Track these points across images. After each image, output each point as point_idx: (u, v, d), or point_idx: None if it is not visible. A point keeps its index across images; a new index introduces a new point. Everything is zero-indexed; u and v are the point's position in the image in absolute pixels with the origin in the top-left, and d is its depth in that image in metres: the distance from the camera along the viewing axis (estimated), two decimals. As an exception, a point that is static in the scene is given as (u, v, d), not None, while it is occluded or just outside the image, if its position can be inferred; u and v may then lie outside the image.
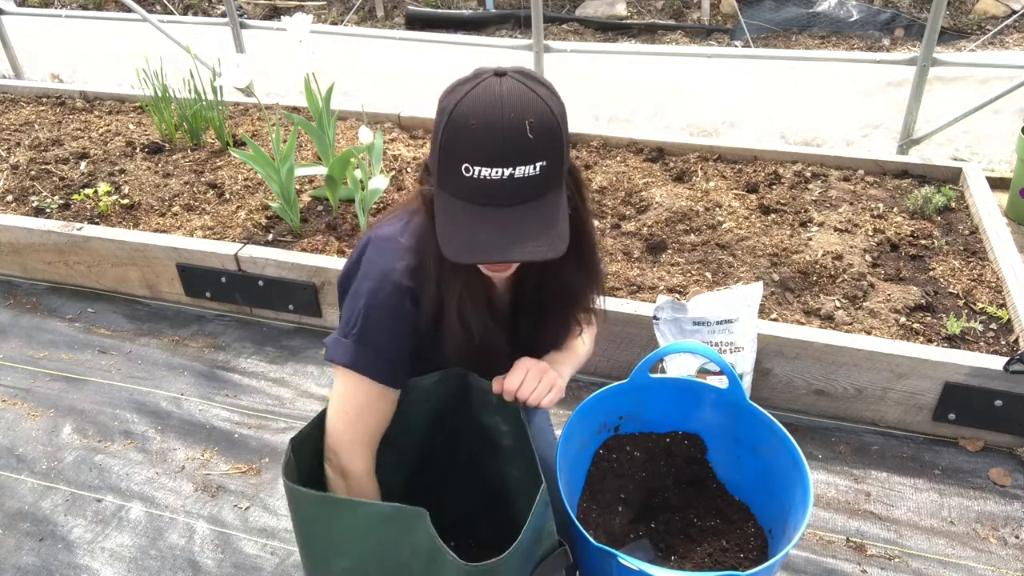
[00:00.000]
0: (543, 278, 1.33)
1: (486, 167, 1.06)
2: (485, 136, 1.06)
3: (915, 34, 5.47)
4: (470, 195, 1.09)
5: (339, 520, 1.12)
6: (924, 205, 2.79)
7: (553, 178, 1.11)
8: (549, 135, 1.09)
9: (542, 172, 1.09)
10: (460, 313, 1.25)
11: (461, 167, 1.07)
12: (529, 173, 1.07)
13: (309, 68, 2.57)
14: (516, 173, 1.06)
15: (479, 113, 1.06)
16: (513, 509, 1.39)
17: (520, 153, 1.07)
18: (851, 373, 2.13)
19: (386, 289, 1.22)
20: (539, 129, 1.07)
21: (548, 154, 1.09)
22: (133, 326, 2.73)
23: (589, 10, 6.35)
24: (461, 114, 1.07)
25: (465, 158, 1.07)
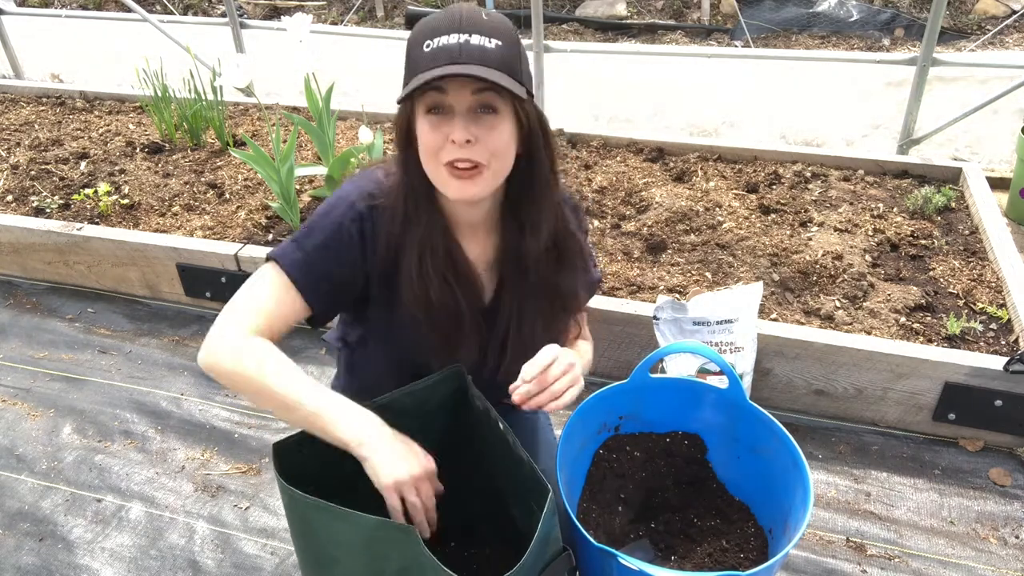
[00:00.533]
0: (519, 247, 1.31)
1: (444, 35, 1.11)
2: (443, 16, 1.14)
3: (915, 34, 5.47)
4: (431, 60, 1.11)
5: (331, 527, 1.11)
6: (924, 205, 2.79)
7: (512, 64, 1.14)
8: (507, 25, 1.16)
9: (499, 49, 1.12)
10: (420, 260, 1.25)
11: (423, 46, 1.12)
12: (486, 44, 1.11)
13: (309, 68, 2.57)
14: (472, 40, 1.11)
15: (439, 11, 1.15)
16: (513, 511, 1.39)
17: (476, 24, 1.12)
18: (851, 373, 2.13)
19: (338, 209, 1.25)
20: (496, 17, 1.15)
21: (505, 38, 1.14)
22: (133, 326, 2.73)
23: (589, 10, 6.35)
24: (422, 20, 1.16)
25: (426, 36, 1.13)
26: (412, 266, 1.26)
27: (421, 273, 1.26)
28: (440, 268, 1.27)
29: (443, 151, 1.16)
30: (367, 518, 1.05)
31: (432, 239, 1.26)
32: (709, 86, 4.59)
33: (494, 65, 1.11)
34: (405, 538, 1.03)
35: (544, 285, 1.34)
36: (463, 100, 1.14)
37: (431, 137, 1.16)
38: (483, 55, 1.10)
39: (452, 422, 1.39)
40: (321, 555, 1.16)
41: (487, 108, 1.15)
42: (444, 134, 1.15)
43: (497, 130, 1.16)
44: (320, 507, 1.08)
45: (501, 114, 1.16)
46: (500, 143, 1.17)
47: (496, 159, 1.18)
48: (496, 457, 1.33)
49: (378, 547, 1.08)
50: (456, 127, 1.14)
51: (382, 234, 1.26)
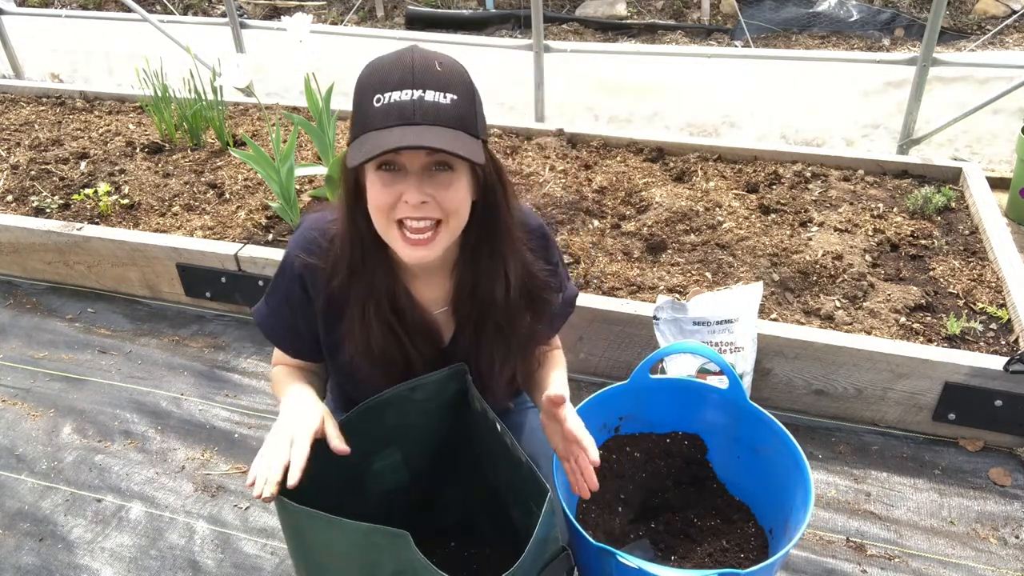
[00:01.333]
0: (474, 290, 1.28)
1: (396, 91, 1.06)
2: (394, 65, 1.08)
3: (915, 34, 5.46)
4: (382, 118, 1.06)
5: (323, 535, 1.11)
6: (924, 205, 2.78)
7: (466, 119, 1.09)
8: (460, 74, 1.10)
9: (454, 105, 1.07)
10: (362, 311, 1.25)
11: (372, 100, 1.07)
12: (440, 100, 1.06)
13: (309, 68, 2.57)
14: (427, 97, 1.06)
15: (389, 58, 1.09)
16: (512, 511, 1.39)
17: (429, 78, 1.07)
18: (851, 373, 2.13)
19: (284, 268, 1.32)
20: (449, 67, 1.10)
21: (460, 91, 1.09)
22: (133, 326, 2.73)
23: (589, 10, 6.35)
24: (371, 65, 1.11)
25: (376, 89, 1.07)
26: (355, 317, 1.26)
27: (363, 323, 1.25)
28: (384, 317, 1.25)
29: (395, 209, 1.12)
30: (357, 525, 1.04)
31: (376, 290, 1.24)
32: (709, 86, 4.59)
33: (449, 123, 1.07)
34: (397, 542, 1.03)
35: (505, 326, 1.31)
36: (417, 160, 1.10)
37: (382, 195, 1.12)
38: (437, 113, 1.06)
39: (453, 422, 1.39)
40: (315, 562, 1.16)
41: (442, 166, 1.12)
42: (397, 193, 1.11)
43: (453, 187, 1.13)
44: (311, 516, 1.07)
45: (457, 171, 1.13)
46: (456, 200, 1.14)
47: (453, 216, 1.15)
48: (495, 458, 1.33)
49: (370, 552, 1.08)
50: (410, 188, 1.10)
51: (320, 289, 1.27)
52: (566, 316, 1.48)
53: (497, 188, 1.21)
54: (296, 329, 1.35)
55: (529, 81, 3.72)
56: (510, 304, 1.28)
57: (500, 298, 1.27)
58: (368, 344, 1.27)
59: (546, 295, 1.34)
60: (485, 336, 1.31)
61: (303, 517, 1.09)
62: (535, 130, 3.47)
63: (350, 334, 1.27)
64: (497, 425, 1.26)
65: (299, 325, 1.34)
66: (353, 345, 1.28)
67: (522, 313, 1.31)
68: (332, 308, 1.29)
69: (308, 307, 1.31)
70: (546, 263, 1.35)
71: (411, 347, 1.30)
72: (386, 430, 1.32)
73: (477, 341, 1.32)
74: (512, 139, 3.42)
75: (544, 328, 1.39)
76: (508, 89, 4.30)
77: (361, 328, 1.26)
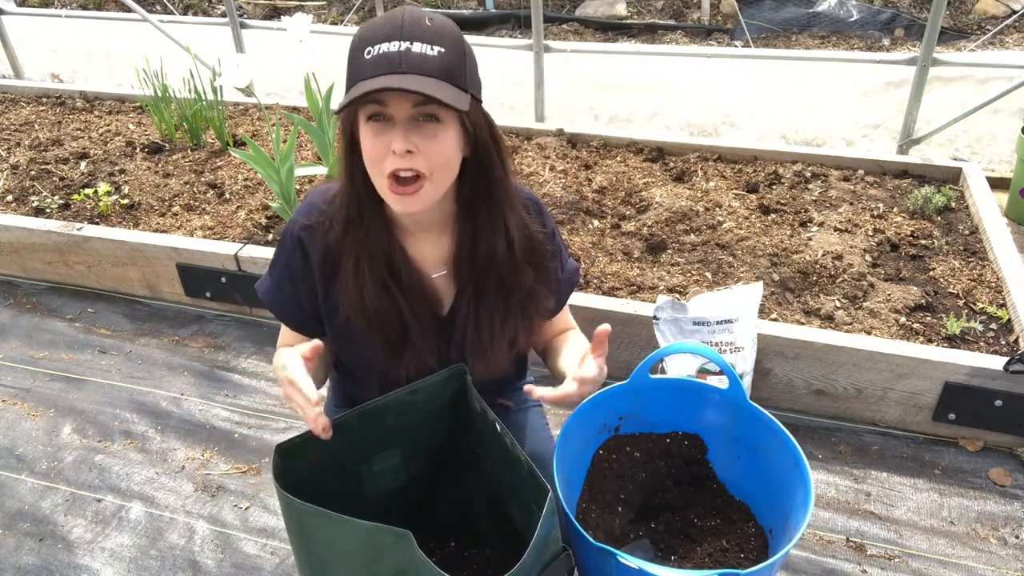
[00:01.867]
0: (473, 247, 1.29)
1: (385, 43, 1.09)
2: (385, 21, 1.11)
3: (915, 34, 5.46)
4: (372, 68, 1.09)
5: (326, 532, 1.11)
6: (924, 205, 2.79)
7: (454, 72, 1.11)
8: (450, 30, 1.13)
9: (441, 57, 1.10)
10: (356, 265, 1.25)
11: (364, 52, 1.10)
12: (427, 51, 1.09)
13: (309, 68, 2.57)
14: (414, 48, 1.09)
15: (382, 16, 1.12)
16: (512, 510, 1.39)
17: (418, 30, 1.10)
18: (851, 373, 2.13)
19: (286, 235, 1.33)
20: (439, 22, 1.13)
21: (448, 44, 1.12)
22: (133, 326, 2.73)
23: (589, 10, 6.35)
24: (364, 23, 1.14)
25: (368, 42, 1.11)
26: (349, 272, 1.26)
27: (356, 278, 1.26)
28: (379, 274, 1.26)
29: (385, 161, 1.14)
30: (361, 523, 1.05)
31: (371, 244, 1.25)
32: (709, 86, 4.59)
33: (435, 74, 1.09)
34: (400, 542, 1.03)
35: (502, 285, 1.31)
36: (403, 110, 1.12)
37: (372, 146, 1.14)
38: (424, 64, 1.08)
39: (453, 423, 1.39)
40: (317, 559, 1.16)
41: (429, 117, 1.13)
42: (385, 144, 1.13)
43: (439, 139, 1.14)
44: (315, 513, 1.08)
45: (444, 123, 1.14)
46: (442, 153, 1.15)
47: (438, 170, 1.16)
48: (495, 458, 1.33)
49: (373, 551, 1.08)
50: (396, 137, 1.11)
51: (318, 245, 1.28)
52: (570, 288, 1.48)
53: (489, 145, 1.22)
54: (297, 299, 1.35)
55: (529, 81, 3.72)
56: (512, 258, 1.30)
57: (502, 252, 1.28)
58: (362, 302, 1.26)
59: (543, 254, 1.36)
60: (486, 294, 1.32)
61: (308, 514, 1.09)
62: (535, 130, 3.47)
63: (344, 291, 1.28)
64: (497, 425, 1.26)
65: (299, 294, 1.34)
66: (348, 303, 1.27)
67: (524, 269, 1.32)
68: (328, 264, 1.29)
69: (308, 272, 1.31)
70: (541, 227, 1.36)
71: (407, 310, 1.29)
72: (386, 432, 1.32)
73: (477, 301, 1.32)
74: (512, 139, 3.42)
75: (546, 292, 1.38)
76: (508, 89, 4.30)
77: (354, 283, 1.26)
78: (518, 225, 1.29)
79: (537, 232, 1.34)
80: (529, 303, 1.36)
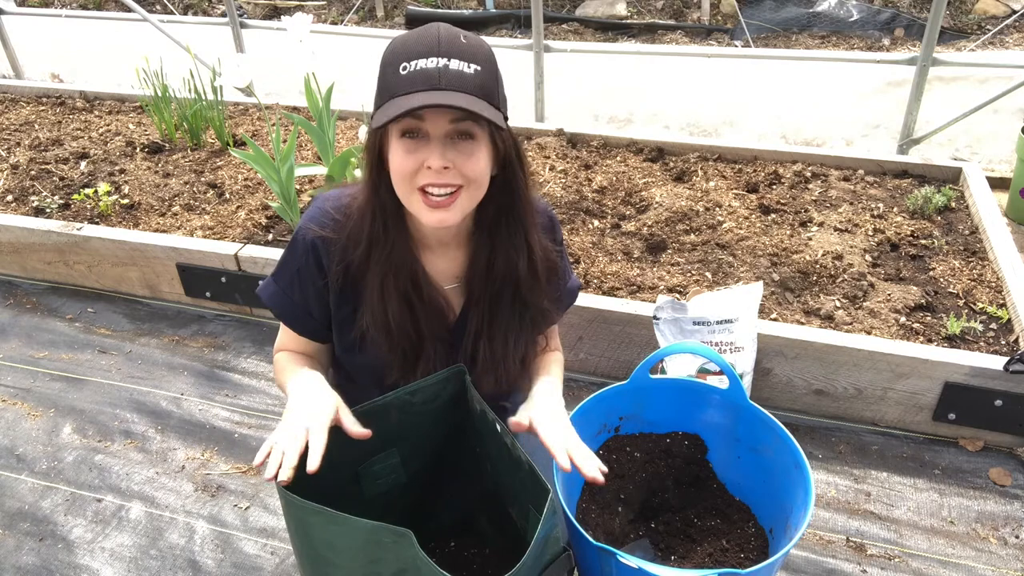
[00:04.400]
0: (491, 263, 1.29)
1: (422, 59, 1.09)
2: (420, 37, 1.11)
3: (915, 34, 5.47)
4: (408, 84, 1.09)
5: (326, 531, 1.11)
6: (924, 205, 2.78)
7: (489, 90, 1.12)
8: (485, 49, 1.13)
9: (477, 75, 1.10)
10: (382, 282, 1.25)
11: (399, 68, 1.10)
12: (464, 69, 1.09)
13: (309, 68, 2.57)
14: (451, 65, 1.09)
15: (415, 32, 1.12)
16: (512, 510, 1.39)
17: (455, 47, 1.10)
18: (851, 373, 2.13)
19: (297, 242, 1.31)
20: (474, 40, 1.13)
21: (483, 63, 1.12)
22: (133, 326, 2.73)
23: (589, 10, 6.35)
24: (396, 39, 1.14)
25: (402, 59, 1.10)
26: (374, 288, 1.26)
27: (382, 294, 1.26)
28: (403, 290, 1.26)
29: (418, 175, 1.14)
30: (362, 522, 1.05)
31: (396, 260, 1.26)
32: (709, 86, 4.59)
33: (473, 92, 1.09)
34: (400, 541, 1.03)
35: (514, 302, 1.32)
36: (440, 127, 1.12)
37: (406, 162, 1.14)
38: (462, 81, 1.09)
39: (452, 423, 1.39)
40: (318, 558, 1.16)
41: (464, 135, 1.14)
42: (419, 159, 1.13)
43: (474, 156, 1.15)
44: (316, 511, 1.08)
45: (478, 140, 1.15)
46: (477, 169, 1.16)
47: (473, 184, 1.17)
48: (496, 459, 1.33)
49: (373, 550, 1.08)
50: (433, 154, 1.12)
51: (336, 259, 1.28)
52: (569, 304, 1.50)
53: (516, 164, 1.23)
54: (307, 306, 1.34)
55: (529, 81, 3.72)
56: (532, 276, 1.31)
57: (523, 270, 1.29)
58: (385, 317, 1.27)
59: (558, 273, 1.37)
60: (500, 311, 1.32)
61: (309, 512, 1.09)
62: (535, 130, 3.47)
63: (368, 306, 1.28)
64: (497, 426, 1.26)
65: (309, 301, 1.33)
66: (370, 318, 1.28)
67: (540, 287, 1.33)
68: (347, 281, 1.29)
69: (320, 280, 1.31)
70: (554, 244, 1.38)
71: (424, 322, 1.30)
72: (385, 432, 1.32)
73: (491, 319, 1.33)
74: (512, 139, 3.42)
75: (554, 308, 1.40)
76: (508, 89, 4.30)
77: (379, 300, 1.26)
78: (536, 243, 1.30)
79: (550, 250, 1.35)
80: (541, 319, 1.37)
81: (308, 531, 1.14)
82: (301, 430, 1.11)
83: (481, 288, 1.32)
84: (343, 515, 1.06)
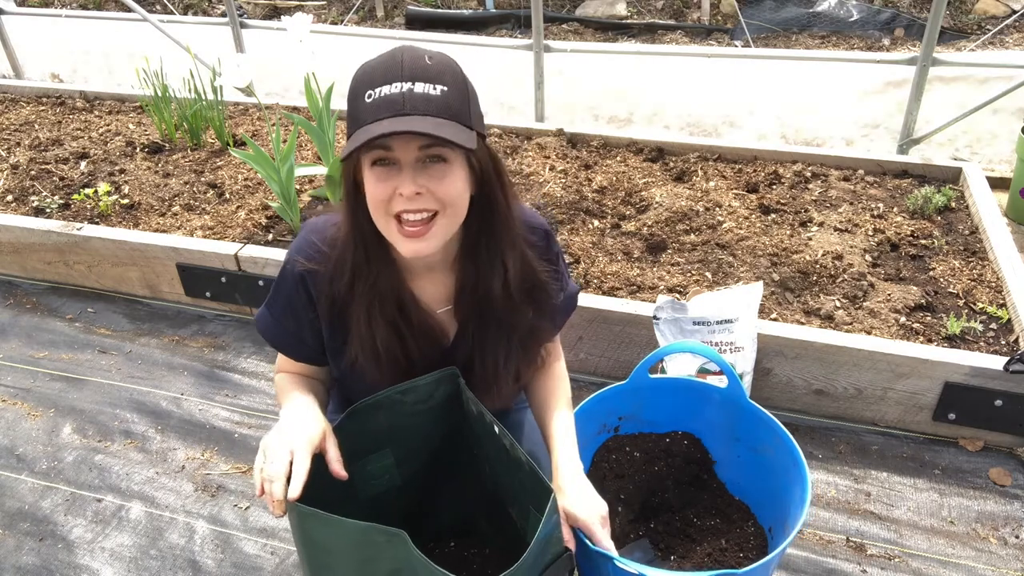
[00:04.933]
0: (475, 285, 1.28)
1: (386, 85, 1.08)
2: (383, 63, 1.10)
3: (915, 34, 5.46)
4: (373, 112, 1.07)
5: (322, 532, 1.11)
6: (924, 205, 2.78)
7: (457, 110, 1.10)
8: (451, 67, 1.11)
9: (443, 95, 1.08)
10: (368, 311, 1.25)
11: (364, 96, 1.09)
12: (430, 91, 1.08)
13: (309, 68, 2.57)
14: (416, 88, 1.07)
15: (381, 57, 1.11)
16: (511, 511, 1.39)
17: (418, 70, 1.08)
18: (851, 373, 2.13)
19: (286, 274, 1.31)
20: (439, 60, 1.11)
21: (450, 82, 1.10)
22: (133, 326, 2.73)
23: (589, 10, 6.35)
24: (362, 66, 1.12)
25: (367, 86, 1.09)
26: (360, 317, 1.26)
27: (369, 322, 1.25)
28: (390, 318, 1.26)
29: (392, 203, 1.13)
30: (354, 523, 1.05)
31: (381, 289, 1.25)
32: (709, 86, 4.59)
33: (440, 114, 1.07)
34: (394, 541, 1.03)
35: (506, 321, 1.31)
36: (409, 153, 1.10)
37: (378, 190, 1.12)
38: (427, 104, 1.07)
39: (448, 425, 1.39)
40: (316, 559, 1.16)
41: (435, 159, 1.12)
42: (391, 187, 1.11)
43: (447, 179, 1.12)
44: (310, 513, 1.08)
45: (451, 162, 1.13)
46: (451, 192, 1.13)
47: (449, 208, 1.15)
48: (495, 460, 1.33)
49: (368, 551, 1.08)
50: (404, 180, 1.10)
51: (323, 291, 1.27)
52: (568, 313, 1.48)
53: (494, 182, 1.21)
54: (300, 335, 1.34)
55: (529, 81, 3.72)
56: (509, 299, 1.28)
57: (498, 292, 1.27)
58: (374, 345, 1.26)
59: (546, 292, 1.34)
60: (488, 333, 1.31)
61: (303, 515, 1.10)
62: (535, 130, 3.47)
63: (355, 336, 1.27)
64: (495, 428, 1.26)
65: (303, 330, 1.33)
66: (358, 346, 1.27)
67: (523, 309, 1.31)
68: (335, 311, 1.29)
69: (312, 310, 1.31)
70: (548, 262, 1.35)
71: (414, 348, 1.29)
72: (377, 432, 1.33)
73: (480, 339, 1.32)
74: (512, 139, 3.42)
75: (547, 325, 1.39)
76: (508, 89, 4.30)
77: (367, 329, 1.26)
78: (517, 267, 1.27)
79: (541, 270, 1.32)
80: (530, 339, 1.36)
81: (305, 533, 1.15)
82: (284, 455, 1.12)
83: (468, 310, 1.31)
84: (336, 517, 1.06)
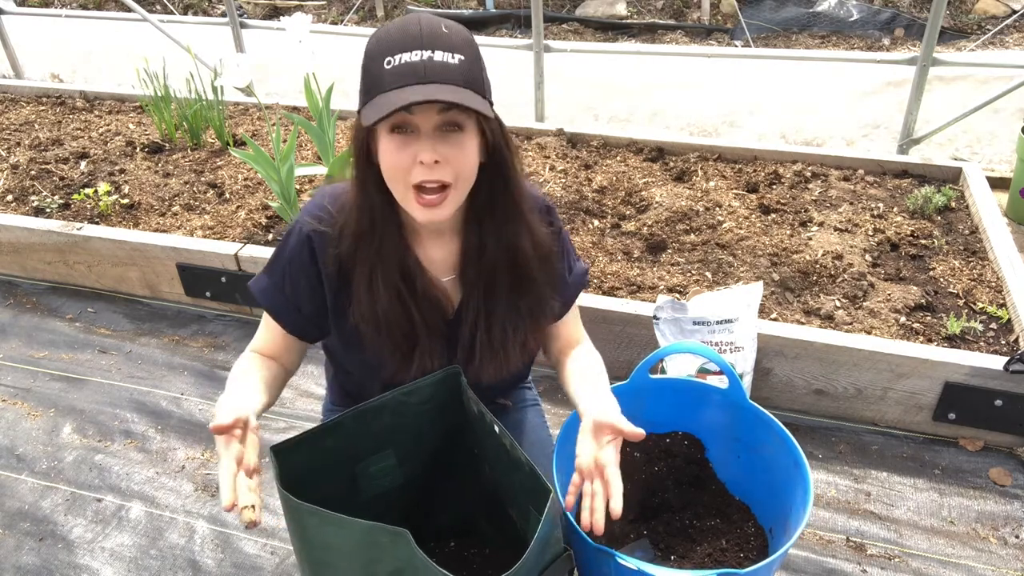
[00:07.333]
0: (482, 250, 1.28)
1: (405, 52, 1.09)
2: (402, 29, 1.11)
3: (915, 34, 5.46)
4: (395, 79, 1.09)
5: (323, 531, 1.11)
6: (924, 205, 2.79)
7: (474, 78, 1.12)
8: (465, 37, 1.14)
9: (461, 65, 1.10)
10: (370, 275, 1.25)
11: (383, 62, 1.10)
12: (448, 60, 1.09)
13: (309, 68, 2.57)
14: (435, 56, 1.09)
15: (396, 24, 1.12)
16: (511, 510, 1.39)
17: (437, 39, 1.10)
18: (851, 373, 2.13)
19: (291, 235, 1.31)
20: (455, 29, 1.13)
21: (466, 51, 1.12)
22: (133, 326, 2.73)
23: (589, 10, 6.35)
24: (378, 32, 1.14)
25: (386, 52, 1.10)
26: (361, 282, 1.26)
27: (370, 288, 1.26)
28: (392, 283, 1.26)
29: (411, 173, 1.14)
30: (357, 522, 1.05)
31: (384, 255, 1.25)
32: (709, 86, 4.59)
33: (458, 82, 1.09)
34: (397, 540, 1.03)
35: (512, 289, 1.31)
36: (429, 120, 1.12)
37: (397, 158, 1.13)
38: (446, 72, 1.09)
39: (449, 424, 1.39)
40: (316, 558, 1.16)
41: (453, 126, 1.13)
42: (411, 155, 1.13)
43: (464, 148, 1.15)
44: (312, 511, 1.08)
45: (466, 131, 1.15)
46: (467, 161, 1.16)
47: (462, 178, 1.17)
48: (494, 460, 1.33)
49: (370, 550, 1.08)
50: (424, 148, 1.12)
51: (329, 254, 1.27)
52: (578, 289, 1.48)
53: (504, 148, 1.23)
54: (296, 301, 1.33)
55: (529, 81, 3.72)
56: (522, 262, 1.30)
57: (512, 255, 1.28)
58: (374, 310, 1.26)
59: (552, 260, 1.36)
60: (496, 298, 1.31)
61: (305, 513, 1.09)
62: (535, 130, 3.47)
63: (356, 300, 1.27)
64: (495, 427, 1.26)
65: (300, 297, 1.32)
66: (359, 310, 1.27)
67: (533, 273, 1.32)
68: (341, 273, 1.29)
69: (313, 273, 1.30)
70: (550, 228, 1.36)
71: (418, 316, 1.29)
72: (380, 433, 1.32)
73: (487, 307, 1.32)
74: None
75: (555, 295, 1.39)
76: (508, 89, 4.29)
77: (368, 293, 1.26)
78: (528, 229, 1.29)
79: (545, 235, 1.34)
80: (537, 306, 1.36)
81: (305, 532, 1.14)
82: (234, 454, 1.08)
83: (475, 276, 1.31)
84: (339, 515, 1.05)
